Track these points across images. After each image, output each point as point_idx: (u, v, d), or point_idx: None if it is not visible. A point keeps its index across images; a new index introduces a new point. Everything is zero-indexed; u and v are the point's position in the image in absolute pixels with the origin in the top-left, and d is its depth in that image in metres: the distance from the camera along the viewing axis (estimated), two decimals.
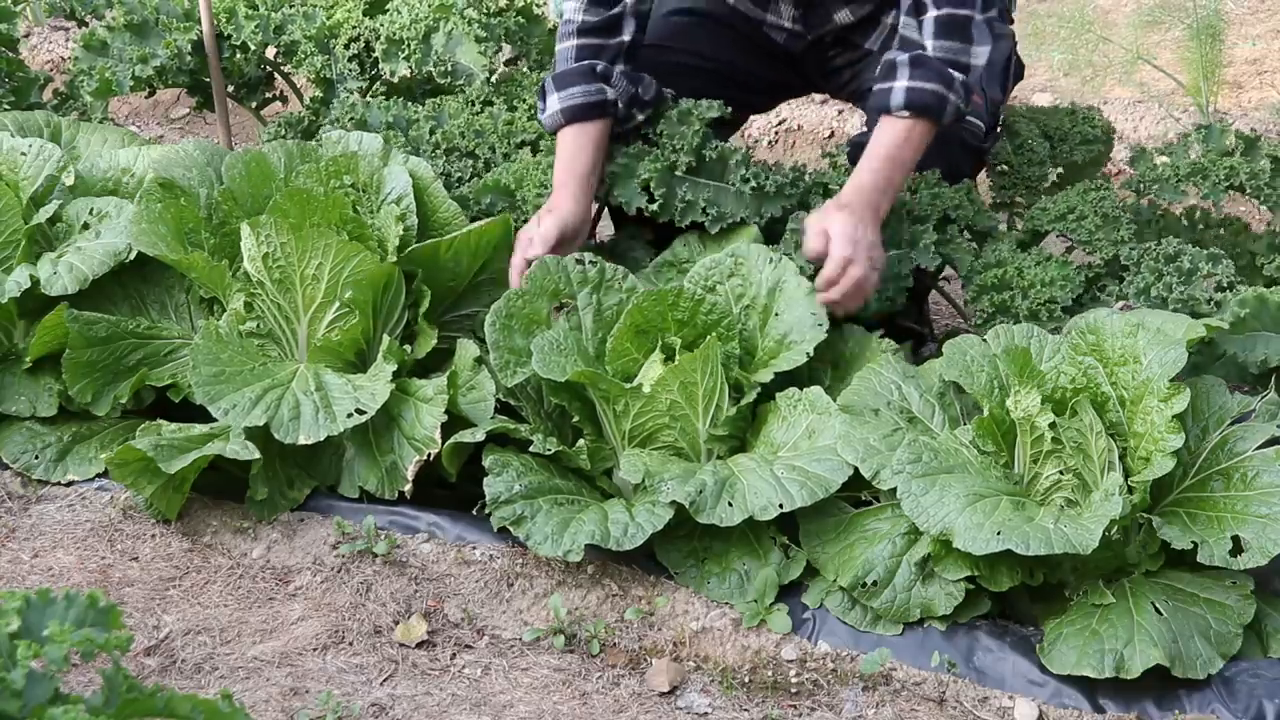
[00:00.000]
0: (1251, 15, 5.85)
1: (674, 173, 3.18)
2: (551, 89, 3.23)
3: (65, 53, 5.73)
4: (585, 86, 3.21)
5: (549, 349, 2.91)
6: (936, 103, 3.03)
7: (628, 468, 2.78)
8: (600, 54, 3.25)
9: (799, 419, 2.87)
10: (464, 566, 2.80)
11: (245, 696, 2.48)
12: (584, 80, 3.21)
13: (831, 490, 2.70)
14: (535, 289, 3.02)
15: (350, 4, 3.99)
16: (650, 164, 3.16)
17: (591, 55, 3.25)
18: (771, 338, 2.98)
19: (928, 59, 3.05)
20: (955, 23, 3.05)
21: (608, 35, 3.27)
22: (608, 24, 3.27)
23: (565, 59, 3.27)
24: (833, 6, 3.42)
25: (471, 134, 3.45)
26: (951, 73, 3.05)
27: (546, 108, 3.23)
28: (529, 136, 3.42)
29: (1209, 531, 2.55)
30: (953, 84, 3.04)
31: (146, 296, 3.31)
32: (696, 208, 3.16)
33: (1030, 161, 3.34)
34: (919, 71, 3.03)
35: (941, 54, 3.05)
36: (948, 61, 3.05)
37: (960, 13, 3.05)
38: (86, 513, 2.99)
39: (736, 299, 3.01)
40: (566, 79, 3.22)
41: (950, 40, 3.06)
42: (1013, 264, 3.04)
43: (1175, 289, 2.88)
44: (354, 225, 3.08)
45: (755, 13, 3.51)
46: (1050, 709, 2.48)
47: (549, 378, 2.89)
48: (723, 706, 2.53)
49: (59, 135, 3.66)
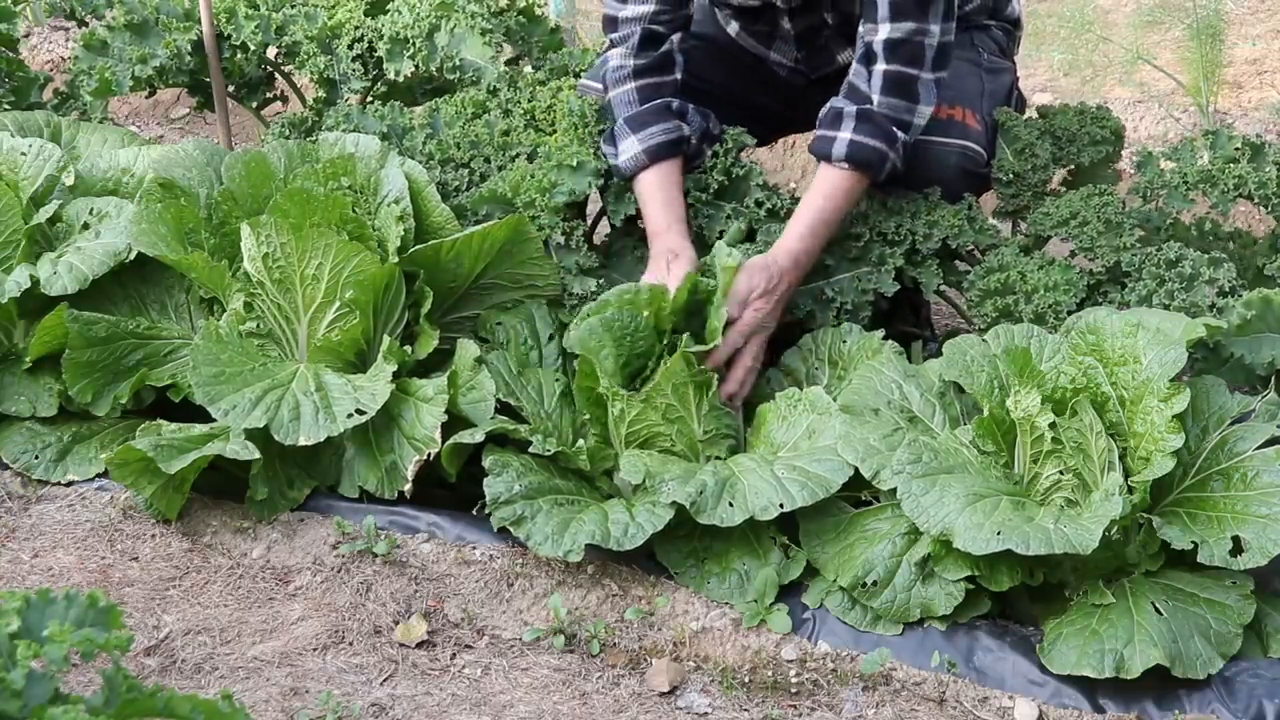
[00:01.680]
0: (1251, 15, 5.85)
1: (703, 193, 3.23)
2: (626, 132, 3.23)
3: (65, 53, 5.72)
4: (664, 125, 3.22)
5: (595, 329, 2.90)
6: (877, 160, 3.06)
7: (628, 468, 2.78)
8: (661, 92, 3.28)
9: (799, 419, 2.87)
10: (464, 566, 2.80)
11: (245, 696, 2.48)
12: (661, 119, 3.22)
13: (832, 490, 2.70)
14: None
15: (351, 4, 3.99)
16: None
17: (655, 94, 3.27)
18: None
19: (874, 114, 3.07)
20: (903, 80, 3.07)
21: (663, 74, 3.29)
22: (660, 63, 3.29)
23: (628, 103, 3.27)
24: (835, 48, 3.44)
25: (466, 145, 3.45)
26: (895, 131, 3.07)
27: (621, 151, 3.22)
28: (525, 149, 3.42)
29: (1209, 531, 2.55)
30: (895, 142, 3.07)
31: (146, 296, 3.31)
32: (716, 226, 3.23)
33: (1034, 167, 3.34)
34: (864, 126, 3.06)
35: (887, 110, 3.08)
36: (892, 119, 3.07)
37: (909, 71, 3.07)
38: (86, 513, 2.99)
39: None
40: (642, 120, 3.23)
41: (896, 98, 3.07)
42: (1016, 268, 3.04)
43: (1177, 296, 2.88)
44: (354, 225, 3.08)
45: (758, 49, 3.53)
46: (1050, 709, 2.48)
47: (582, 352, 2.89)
48: (723, 706, 2.53)
49: (59, 135, 3.66)
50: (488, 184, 3.31)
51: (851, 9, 3.34)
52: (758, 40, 3.52)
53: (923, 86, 3.09)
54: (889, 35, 3.05)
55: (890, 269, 3.13)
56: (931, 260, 3.17)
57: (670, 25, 3.29)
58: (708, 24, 3.57)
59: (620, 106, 3.28)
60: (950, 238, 3.15)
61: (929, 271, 3.16)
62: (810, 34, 3.43)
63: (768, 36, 3.50)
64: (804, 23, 3.41)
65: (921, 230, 3.15)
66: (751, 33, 3.52)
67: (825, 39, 3.42)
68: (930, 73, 3.09)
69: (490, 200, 3.27)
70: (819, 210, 3.08)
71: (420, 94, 4.02)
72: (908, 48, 3.05)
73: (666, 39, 3.29)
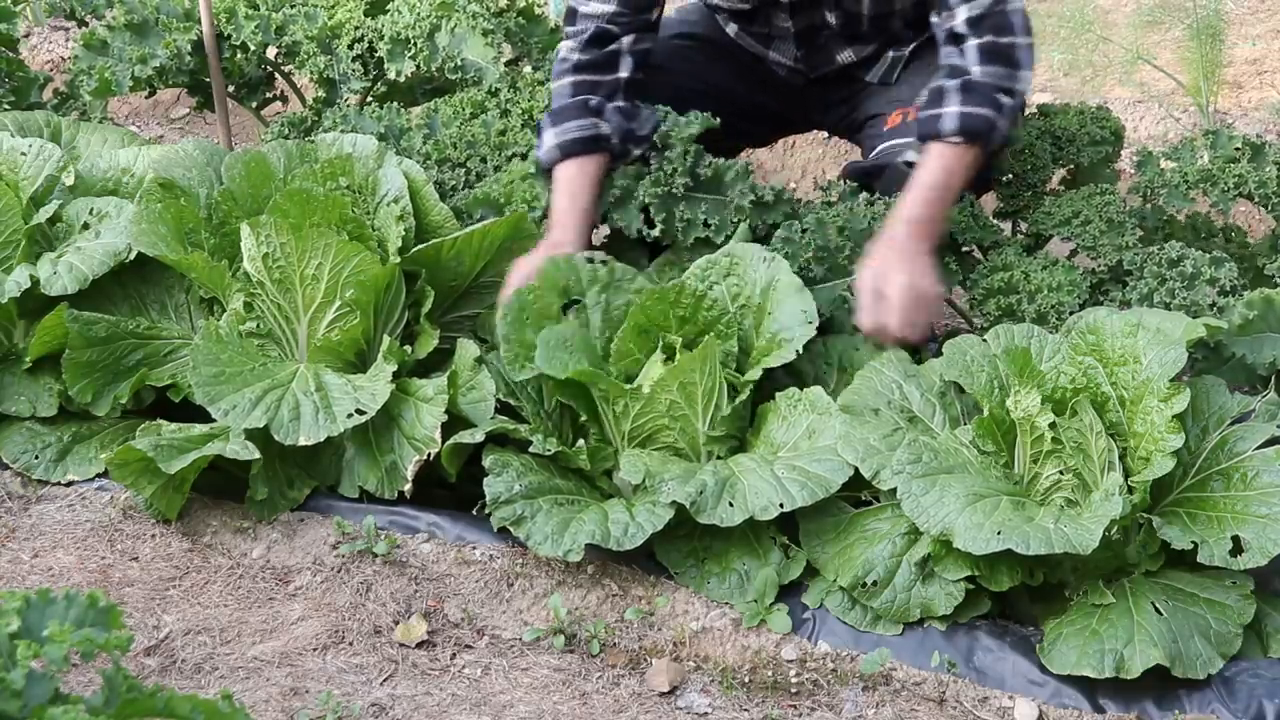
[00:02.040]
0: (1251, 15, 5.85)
1: (672, 193, 3.18)
2: (548, 125, 3.24)
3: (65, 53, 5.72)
4: (580, 121, 3.21)
5: (554, 344, 2.90)
6: (986, 128, 3.03)
7: (628, 468, 2.78)
8: (596, 89, 3.26)
9: (799, 419, 2.87)
10: (464, 566, 2.80)
11: (245, 696, 2.48)
12: (578, 115, 3.22)
13: (832, 490, 2.70)
14: (547, 284, 3.01)
15: (351, 4, 3.99)
16: (651, 186, 3.17)
17: (587, 91, 3.26)
18: (765, 336, 2.98)
19: (977, 83, 3.04)
20: (998, 49, 3.05)
21: (603, 72, 3.28)
22: (603, 60, 3.28)
23: (561, 96, 3.28)
24: (835, 47, 3.43)
25: (463, 145, 3.45)
26: (1000, 97, 3.04)
27: (543, 144, 3.23)
28: (520, 149, 3.42)
29: (1209, 531, 2.55)
30: (1002, 109, 3.04)
31: (146, 296, 3.31)
32: (697, 224, 3.16)
33: (1034, 167, 3.34)
34: (969, 97, 3.03)
35: (989, 79, 3.05)
36: (996, 87, 3.05)
37: (1002, 40, 3.05)
38: (86, 513, 2.99)
39: (733, 298, 3.01)
40: (562, 115, 3.24)
41: (996, 65, 3.05)
42: (1019, 268, 3.04)
43: (1178, 295, 2.88)
44: (354, 225, 3.08)
45: (757, 48, 3.53)
46: (1050, 709, 2.48)
47: (551, 374, 2.88)
48: (723, 706, 2.53)
49: (59, 135, 3.66)
50: (480, 186, 3.31)
51: (857, 8, 3.34)
52: (756, 40, 3.52)
53: (1020, 51, 3.06)
54: (969, 14, 3.04)
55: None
56: (950, 258, 3.15)
57: (626, 28, 3.28)
58: (706, 24, 3.57)
59: (555, 98, 3.30)
60: (957, 233, 3.15)
61: (947, 270, 3.14)
62: (810, 33, 3.43)
63: (766, 37, 3.50)
64: (804, 21, 3.41)
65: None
66: (750, 33, 3.52)
67: (825, 39, 3.42)
68: (1023, 37, 3.07)
69: (484, 203, 3.28)
70: (938, 174, 3.01)
71: (421, 94, 4.02)
72: (991, 19, 3.04)
73: (617, 39, 3.28)
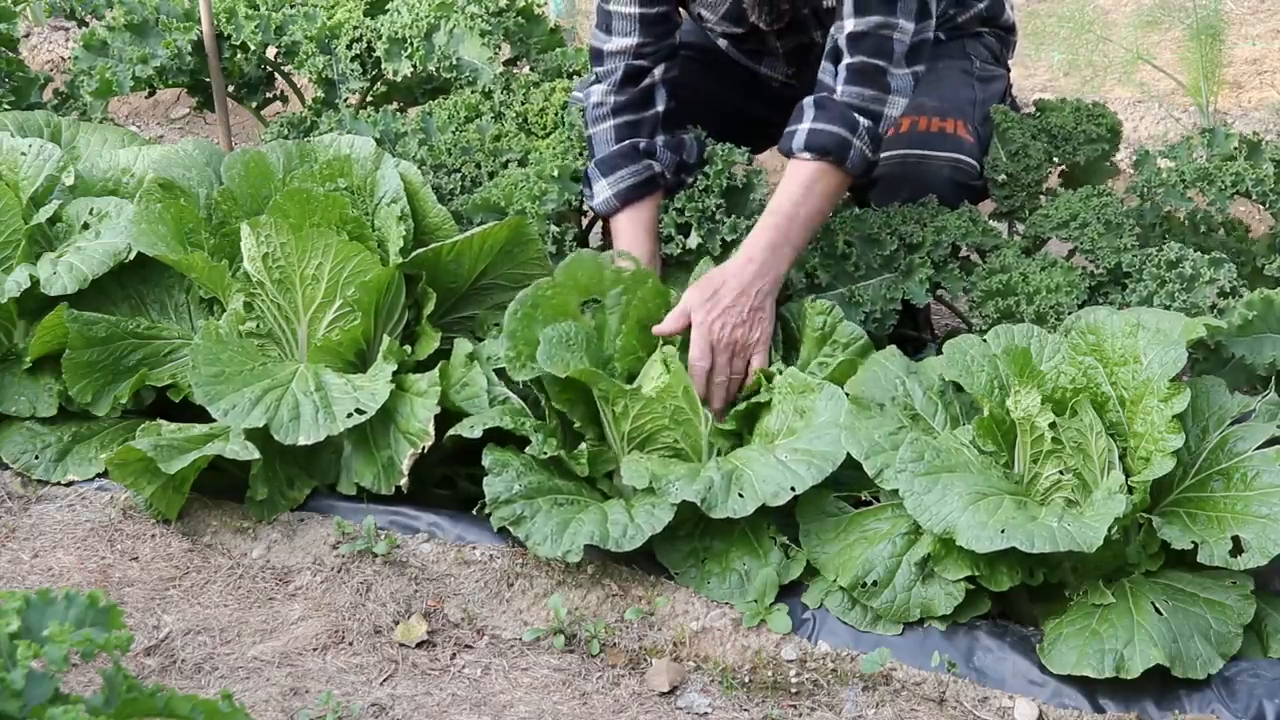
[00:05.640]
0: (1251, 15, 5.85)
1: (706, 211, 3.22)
2: (597, 175, 3.23)
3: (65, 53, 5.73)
4: (633, 167, 3.21)
5: (557, 341, 2.88)
6: (836, 146, 3.01)
7: (630, 474, 2.76)
8: (638, 130, 3.26)
9: (784, 402, 2.85)
10: (464, 566, 2.80)
11: (245, 696, 2.48)
12: (630, 161, 3.22)
13: (838, 463, 2.69)
14: (567, 281, 2.99)
15: (351, 4, 4.00)
16: (688, 202, 3.21)
17: (630, 133, 3.25)
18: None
19: (832, 102, 3.04)
20: (868, 70, 3.03)
21: (641, 110, 3.27)
22: (640, 99, 3.27)
23: (604, 142, 3.26)
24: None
25: (458, 150, 3.46)
26: (856, 117, 3.02)
27: (596, 194, 3.23)
28: (515, 155, 3.42)
29: (1209, 531, 2.55)
30: (856, 128, 3.02)
31: (146, 296, 3.31)
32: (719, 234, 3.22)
33: (1028, 167, 3.34)
34: (822, 114, 3.04)
35: (848, 99, 3.04)
36: (855, 107, 3.03)
37: (874, 62, 3.03)
38: (86, 513, 2.99)
39: None
40: (612, 163, 3.23)
41: (860, 86, 3.04)
42: (1018, 270, 3.04)
43: (1178, 296, 2.88)
44: (354, 226, 3.08)
45: (748, 63, 3.53)
46: (1050, 709, 2.48)
47: (551, 372, 2.87)
48: (723, 706, 2.53)
49: (59, 135, 3.66)
50: (480, 191, 3.32)
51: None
52: (747, 56, 3.53)
53: (894, 78, 3.04)
54: (853, 29, 3.02)
55: (924, 278, 3.10)
56: (953, 264, 3.15)
57: (655, 57, 3.27)
58: (700, 36, 3.57)
59: (598, 145, 3.28)
60: (959, 239, 3.15)
61: (952, 276, 3.14)
62: (800, 51, 3.43)
63: (756, 54, 3.51)
64: (792, 41, 3.41)
65: (931, 236, 3.14)
66: (740, 50, 3.53)
67: (816, 56, 3.40)
68: (903, 67, 3.05)
69: (484, 208, 3.29)
70: (779, 203, 3.02)
71: (420, 94, 4.03)
72: (872, 40, 3.02)
73: (649, 72, 3.27)
